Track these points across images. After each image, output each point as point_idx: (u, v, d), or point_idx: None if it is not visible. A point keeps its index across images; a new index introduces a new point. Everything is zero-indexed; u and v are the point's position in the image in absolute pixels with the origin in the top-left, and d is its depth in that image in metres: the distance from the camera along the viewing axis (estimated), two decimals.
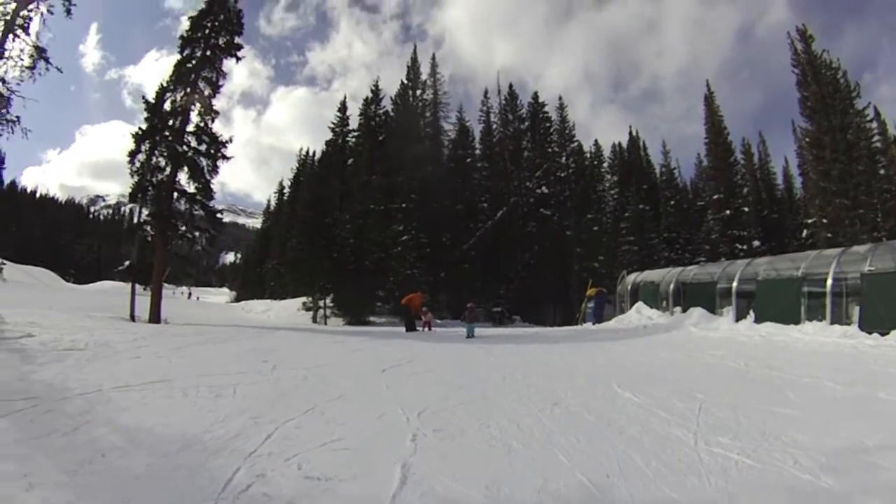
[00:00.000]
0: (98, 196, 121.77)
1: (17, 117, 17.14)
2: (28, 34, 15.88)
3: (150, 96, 19.87)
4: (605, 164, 53.91)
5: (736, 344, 14.53)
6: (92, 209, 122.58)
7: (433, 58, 52.35)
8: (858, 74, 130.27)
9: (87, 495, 4.02)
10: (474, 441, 5.87)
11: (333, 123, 46.03)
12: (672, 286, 22.86)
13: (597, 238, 44.04)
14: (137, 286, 25.42)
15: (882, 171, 32.52)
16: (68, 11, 17.20)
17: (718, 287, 20.32)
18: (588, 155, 52.88)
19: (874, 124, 35.53)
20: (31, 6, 15.90)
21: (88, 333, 12.76)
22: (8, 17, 15.17)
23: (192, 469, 4.60)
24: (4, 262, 47.80)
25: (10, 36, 15.24)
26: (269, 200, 77.60)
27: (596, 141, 55.03)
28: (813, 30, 38.14)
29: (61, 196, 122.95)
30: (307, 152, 64.97)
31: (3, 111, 15.66)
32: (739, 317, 18.09)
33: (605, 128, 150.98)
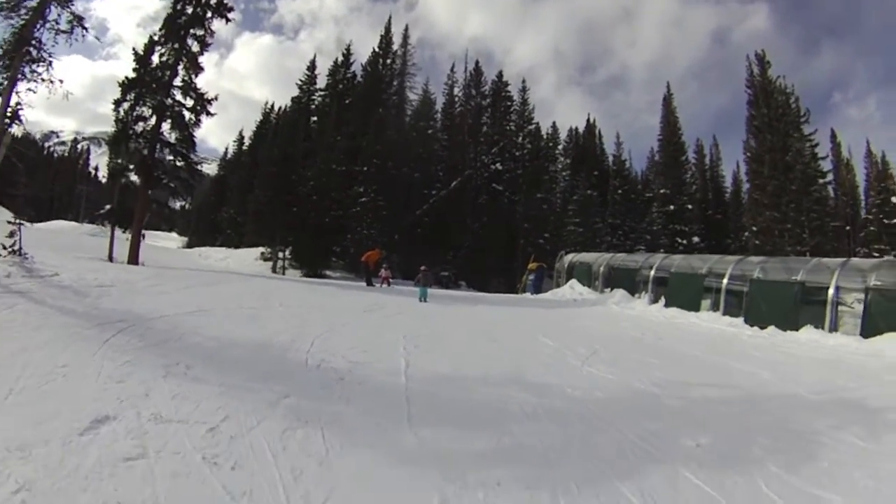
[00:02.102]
0: (52, 132, 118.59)
1: (61, 80, 18.02)
2: (69, 4, 17.63)
3: (111, 34, 21.17)
4: (561, 147, 57.53)
5: (644, 321, 18.57)
6: (45, 145, 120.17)
7: (405, 29, 55.62)
8: (828, 94, 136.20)
9: (226, 370, 7.19)
10: (441, 352, 9.90)
11: (301, 81, 48.58)
12: (603, 268, 26.84)
13: (545, 216, 47.58)
14: (100, 229, 27.63)
15: (814, 192, 37.03)
16: None
17: (640, 274, 24.19)
18: (545, 136, 56.24)
19: (822, 149, 40.70)
20: None
21: (102, 273, 15.52)
22: None
23: (278, 358, 8.03)
24: None
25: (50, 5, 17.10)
26: (226, 148, 78.48)
27: (554, 123, 58.16)
28: (770, 56, 42.43)
29: (14, 130, 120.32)
30: (271, 106, 66.86)
31: (45, 72, 17.18)
32: (653, 301, 22.08)
33: (567, 109, 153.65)
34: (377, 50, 50.62)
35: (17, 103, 15.96)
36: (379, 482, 4.31)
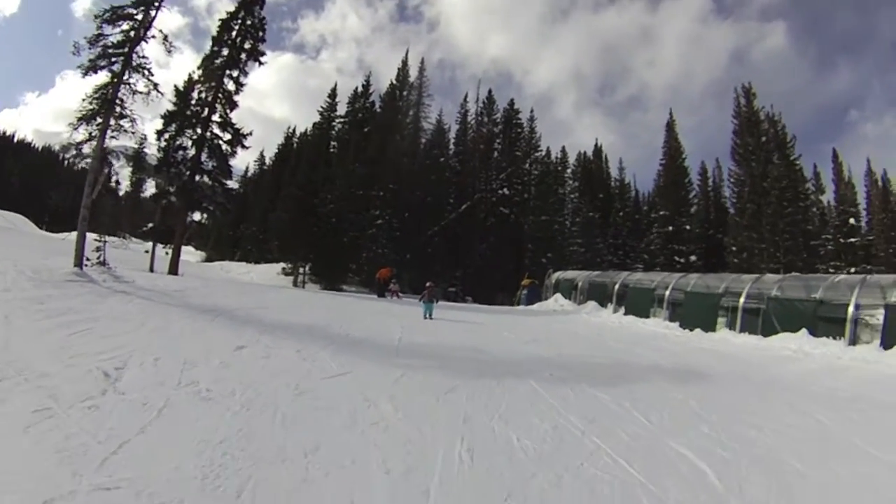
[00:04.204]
0: (71, 143, 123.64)
1: (144, 136, 23.20)
2: (147, 72, 21.89)
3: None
4: (570, 170, 61.36)
5: (604, 326, 23.53)
6: (64, 156, 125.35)
7: (422, 62, 60.30)
8: (845, 110, 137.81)
9: (292, 334, 12.23)
10: (427, 334, 15.02)
11: (322, 108, 53.26)
12: (582, 283, 31.77)
13: (550, 236, 51.77)
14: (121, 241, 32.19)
15: (789, 215, 41.25)
16: (169, 52, 22.83)
17: (611, 288, 28.94)
18: (555, 159, 60.31)
19: (825, 168, 46.25)
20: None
21: (165, 282, 20.87)
22: (125, 51, 21.32)
23: (320, 330, 13.16)
24: None
25: (128, 70, 21.42)
26: (247, 167, 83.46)
27: (563, 147, 62.02)
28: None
29: (36, 141, 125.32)
30: (293, 130, 72.68)
31: (130, 125, 21.52)
32: (616, 310, 26.87)
33: (586, 129, 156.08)
34: (395, 82, 56.07)
35: (105, 148, 20.67)
36: (377, 374, 9.17)
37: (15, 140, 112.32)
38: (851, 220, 41.01)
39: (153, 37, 20.74)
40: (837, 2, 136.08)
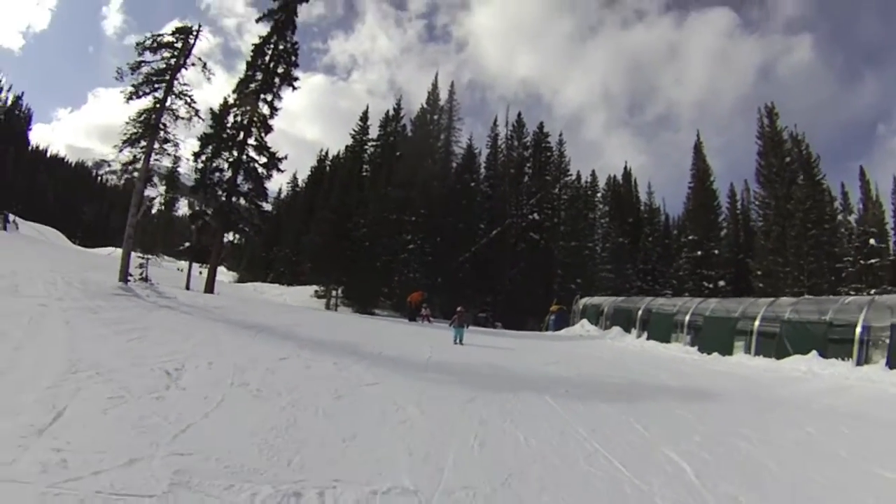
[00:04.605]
0: (103, 160, 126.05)
1: (178, 156, 23.16)
2: (188, 99, 22.79)
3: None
4: (600, 195, 61.67)
5: (625, 350, 24.28)
6: (97, 172, 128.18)
7: (451, 86, 61.87)
8: (873, 125, 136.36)
9: (329, 350, 13.18)
10: (455, 355, 15.97)
11: (354, 131, 54.72)
12: (608, 309, 32.35)
13: (580, 262, 52.49)
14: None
15: (812, 235, 41.18)
16: (208, 79, 23.97)
17: (635, 314, 29.56)
18: (585, 184, 61.01)
19: (852, 186, 45.86)
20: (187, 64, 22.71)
21: (205, 299, 21.95)
22: (167, 79, 22.42)
23: (353, 348, 14.09)
24: (14, 218, 56.35)
25: (171, 97, 22.49)
26: (279, 189, 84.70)
27: (593, 171, 62.31)
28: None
29: (69, 157, 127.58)
30: (325, 152, 74.16)
31: (173, 149, 22.68)
32: (639, 335, 27.48)
33: (616, 150, 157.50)
34: (425, 105, 57.79)
35: (149, 170, 21.81)
36: (406, 385, 10.05)
37: (48, 155, 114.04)
38: (872, 241, 40.56)
39: (193, 64, 21.81)
40: (862, 13, 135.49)
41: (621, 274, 52.19)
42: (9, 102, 79.00)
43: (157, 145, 21.32)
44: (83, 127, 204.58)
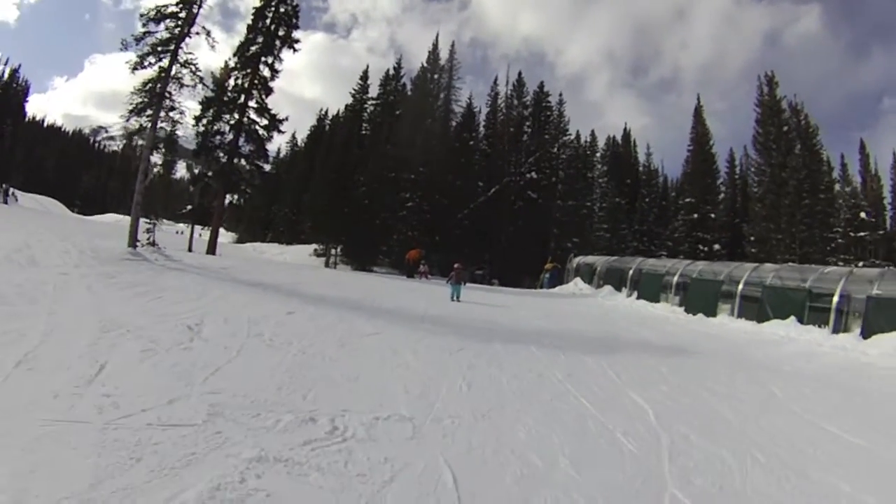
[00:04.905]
0: (101, 127, 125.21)
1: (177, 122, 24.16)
2: (193, 67, 22.74)
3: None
4: (598, 154, 62.50)
5: (615, 308, 25.28)
6: (94, 140, 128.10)
7: (452, 45, 62.33)
8: (879, 98, 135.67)
9: (332, 305, 14.18)
10: (450, 309, 17.01)
11: (354, 90, 55.05)
12: (601, 268, 33.33)
13: (578, 221, 53.52)
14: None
15: (805, 204, 42.25)
16: (212, 47, 24.38)
17: (626, 273, 30.53)
18: (585, 143, 61.92)
19: (851, 159, 47.20)
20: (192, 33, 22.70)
21: (210, 260, 23.16)
22: (172, 48, 22.94)
23: (355, 303, 15.12)
24: (13, 190, 57.03)
25: (176, 65, 22.87)
26: (279, 148, 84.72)
27: (593, 131, 62.87)
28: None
29: (66, 125, 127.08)
30: (325, 111, 74.49)
31: (179, 116, 23.43)
32: (629, 294, 28.50)
33: (619, 111, 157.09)
34: (425, 64, 57.88)
35: (156, 138, 22.57)
36: (403, 335, 11.04)
37: (45, 125, 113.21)
38: (862, 215, 41.42)
39: (197, 33, 22.22)
40: None
41: (617, 234, 53.22)
42: (6, 76, 78.77)
43: (163, 114, 21.94)
44: (80, 94, 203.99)
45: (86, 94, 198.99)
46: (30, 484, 3.51)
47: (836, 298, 18.57)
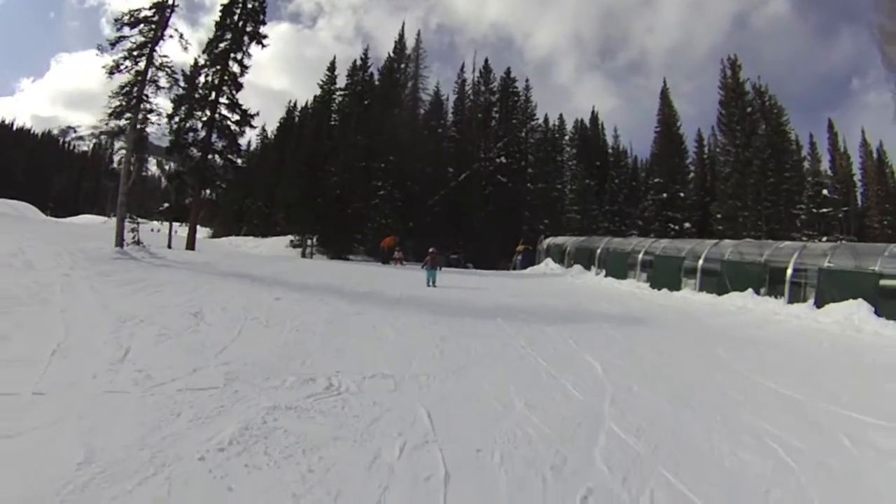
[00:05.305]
0: (70, 127, 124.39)
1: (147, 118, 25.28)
2: (169, 70, 23.73)
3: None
4: (567, 137, 63.77)
5: (584, 286, 26.80)
6: (63, 140, 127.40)
7: (418, 34, 63.38)
8: (848, 80, 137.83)
9: (315, 291, 15.38)
10: (424, 291, 18.29)
11: (322, 81, 56.15)
12: (570, 249, 34.86)
13: (548, 204, 54.66)
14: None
15: (770, 183, 44.05)
16: (185, 49, 25.17)
17: (595, 252, 31.99)
18: (553, 127, 63.18)
19: (820, 139, 50.02)
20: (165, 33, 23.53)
21: (192, 256, 24.32)
22: (147, 52, 23.67)
23: (335, 288, 16.39)
24: None
25: (152, 69, 23.50)
26: (249, 141, 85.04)
27: (561, 115, 63.35)
28: (741, 60, 49.50)
29: (35, 127, 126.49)
30: (294, 104, 75.13)
31: (157, 118, 24.33)
32: (598, 272, 29.99)
33: (587, 93, 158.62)
34: (392, 55, 58.48)
35: (137, 139, 23.40)
36: (382, 314, 12.31)
37: (14, 128, 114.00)
38: (824, 192, 43.03)
39: (171, 36, 23.03)
40: None
41: (588, 215, 54.73)
42: None
43: (140, 116, 22.79)
44: (48, 95, 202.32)
45: (53, 95, 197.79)
46: (94, 438, 4.62)
47: (790, 271, 20.16)
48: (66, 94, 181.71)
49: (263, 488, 4.07)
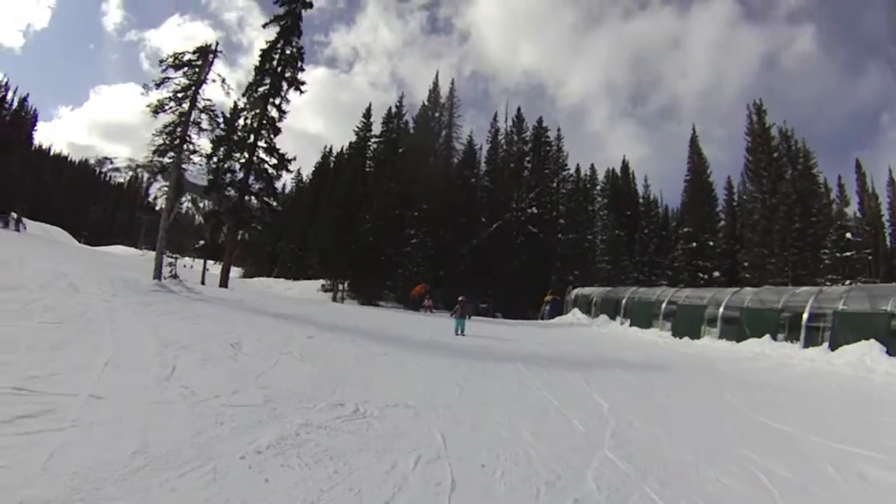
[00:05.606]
0: (106, 158, 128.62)
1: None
2: (212, 113, 24.84)
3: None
4: (599, 187, 64.38)
5: (609, 335, 27.34)
6: (100, 170, 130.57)
7: (452, 83, 64.42)
8: (877, 114, 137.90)
9: (346, 331, 16.14)
10: (451, 336, 19.06)
11: (357, 128, 57.55)
12: (596, 299, 35.32)
13: (579, 254, 55.32)
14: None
15: (796, 228, 44.05)
16: (227, 94, 26.78)
17: (621, 303, 32.46)
18: (585, 176, 64.04)
19: (848, 178, 49.62)
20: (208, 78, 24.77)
21: (227, 293, 25.18)
22: (190, 94, 24.84)
23: (365, 331, 17.14)
24: (18, 218, 58.53)
25: (195, 111, 24.67)
26: (284, 183, 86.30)
27: (592, 165, 64.82)
28: (767, 104, 49.80)
29: (71, 154, 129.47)
30: (329, 149, 77.12)
31: (200, 159, 25.45)
32: (623, 322, 30.43)
33: (620, 141, 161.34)
34: (426, 103, 60.35)
35: (179, 177, 24.47)
36: (409, 355, 13.04)
37: (51, 153, 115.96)
38: (848, 235, 42.72)
39: (213, 80, 24.15)
40: (864, 3, 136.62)
41: (618, 265, 54.79)
42: (15, 104, 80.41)
43: (184, 156, 23.83)
44: (85, 124, 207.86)
45: (90, 125, 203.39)
46: (148, 436, 5.33)
47: (805, 315, 20.57)
48: (102, 124, 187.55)
49: (295, 482, 4.78)
